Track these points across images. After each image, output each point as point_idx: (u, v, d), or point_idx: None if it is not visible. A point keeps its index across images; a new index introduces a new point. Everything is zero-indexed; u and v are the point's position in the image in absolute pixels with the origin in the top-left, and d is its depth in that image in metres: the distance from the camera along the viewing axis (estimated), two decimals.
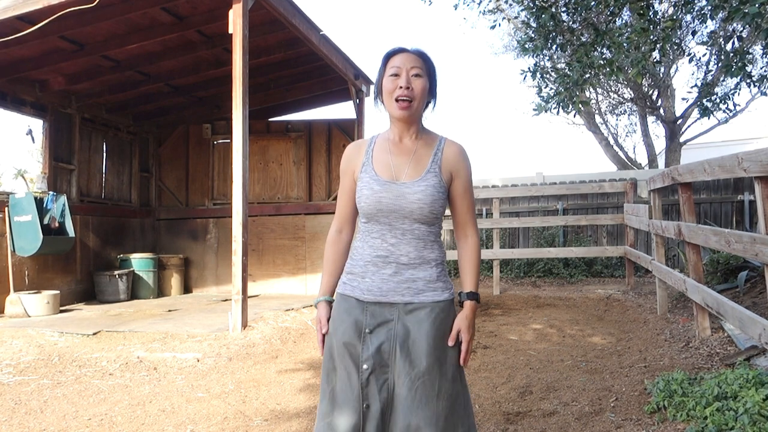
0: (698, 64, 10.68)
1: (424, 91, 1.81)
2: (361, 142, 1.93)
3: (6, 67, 6.78)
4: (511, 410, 3.29)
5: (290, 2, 6.24)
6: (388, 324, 1.76)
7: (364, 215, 1.83)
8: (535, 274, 9.26)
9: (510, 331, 5.45)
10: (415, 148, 1.84)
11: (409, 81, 1.77)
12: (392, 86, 1.78)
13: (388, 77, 1.80)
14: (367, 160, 1.85)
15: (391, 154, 1.84)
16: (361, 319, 1.77)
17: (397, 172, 1.80)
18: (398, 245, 1.79)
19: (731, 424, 2.58)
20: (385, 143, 1.87)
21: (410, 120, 1.82)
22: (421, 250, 1.79)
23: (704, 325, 4.49)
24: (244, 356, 4.77)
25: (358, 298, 1.80)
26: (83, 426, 3.24)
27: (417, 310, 1.76)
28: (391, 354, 1.74)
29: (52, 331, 5.42)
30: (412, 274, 1.78)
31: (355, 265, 1.85)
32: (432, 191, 1.76)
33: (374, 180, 1.79)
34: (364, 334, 1.76)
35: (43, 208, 6.83)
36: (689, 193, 4.68)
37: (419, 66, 1.80)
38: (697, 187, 8.72)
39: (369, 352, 1.73)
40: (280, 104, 9.41)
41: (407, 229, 1.78)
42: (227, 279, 7.86)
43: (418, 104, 1.79)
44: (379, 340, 1.74)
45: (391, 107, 1.80)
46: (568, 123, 18.26)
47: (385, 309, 1.77)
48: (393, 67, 1.80)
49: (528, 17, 6.19)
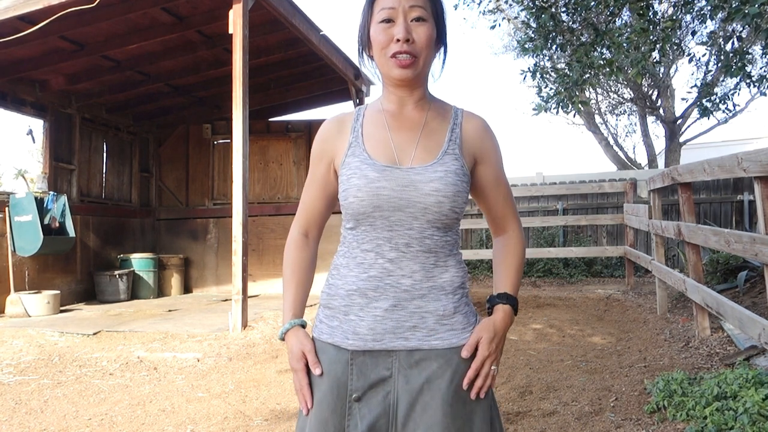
0: (698, 64, 10.68)
1: (431, 39, 1.27)
2: (343, 117, 1.38)
3: (6, 67, 6.79)
4: (511, 410, 3.30)
5: (290, 2, 6.25)
6: (385, 385, 1.22)
7: (351, 218, 1.28)
8: (535, 274, 9.26)
9: (510, 331, 5.44)
10: (423, 120, 1.31)
11: (409, 29, 1.24)
12: (385, 38, 1.25)
13: (378, 24, 1.26)
14: (355, 140, 1.31)
15: (389, 130, 1.31)
16: (344, 378, 1.23)
17: (400, 153, 1.28)
18: (399, 261, 1.24)
19: (731, 424, 2.59)
20: (378, 116, 1.34)
21: (414, 83, 1.30)
22: (431, 269, 1.25)
23: (704, 325, 4.50)
24: (244, 356, 4.77)
25: (340, 345, 1.25)
26: (83, 426, 3.24)
27: (426, 361, 1.22)
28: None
29: (52, 331, 5.42)
30: (418, 306, 1.24)
31: (334, 295, 1.30)
32: (454, 179, 1.25)
33: (368, 165, 1.26)
34: (350, 403, 1.22)
35: (43, 208, 6.84)
36: (689, 193, 4.69)
37: (421, 5, 1.26)
38: (697, 187, 8.72)
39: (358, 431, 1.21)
40: (280, 104, 9.42)
41: (414, 237, 1.24)
42: (227, 279, 7.87)
43: (425, 59, 1.27)
44: (373, 413, 1.20)
45: (387, 66, 1.27)
46: (568, 123, 18.30)
47: (379, 361, 1.22)
48: (384, 10, 1.25)
49: (528, 17, 6.19)
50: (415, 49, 1.25)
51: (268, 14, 6.19)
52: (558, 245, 9.48)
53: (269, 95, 8.97)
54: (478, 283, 9.19)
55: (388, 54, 1.26)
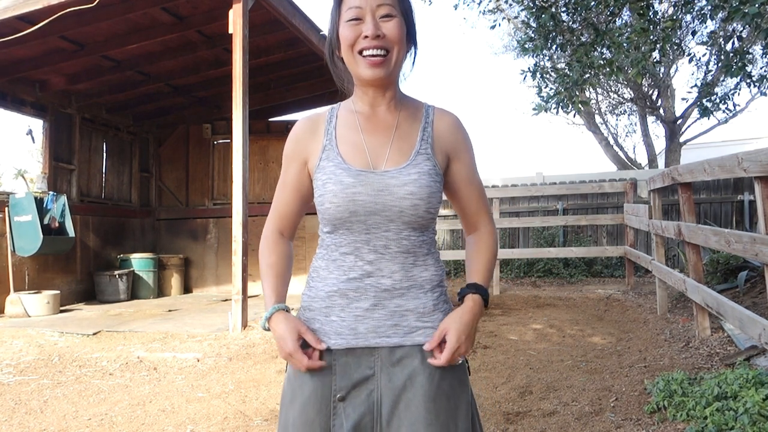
0: (698, 64, 10.69)
1: (401, 36, 1.26)
2: (316, 117, 1.38)
3: (6, 67, 6.79)
4: (511, 410, 3.30)
5: (290, 2, 6.25)
6: (368, 384, 1.23)
7: (329, 222, 1.29)
8: (535, 274, 9.26)
9: (510, 331, 5.45)
10: (396, 121, 1.31)
11: (378, 26, 1.23)
12: (353, 35, 1.24)
13: (346, 23, 1.25)
14: (329, 143, 1.31)
15: (362, 132, 1.30)
16: (327, 379, 1.24)
17: (374, 157, 1.28)
18: (379, 262, 1.26)
19: (731, 424, 2.58)
20: (351, 117, 1.33)
21: (386, 82, 1.29)
22: (410, 268, 1.27)
23: (704, 325, 4.49)
24: (244, 356, 4.77)
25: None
26: (83, 426, 3.24)
27: (407, 358, 1.24)
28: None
29: (52, 331, 5.42)
30: (398, 305, 1.26)
31: (314, 297, 1.31)
32: (427, 180, 1.26)
33: (343, 170, 1.26)
34: (335, 403, 1.23)
35: (43, 208, 6.84)
36: (689, 193, 4.68)
37: (389, 2, 1.25)
38: (697, 187, 8.72)
39: (344, 431, 1.22)
40: (280, 104, 9.42)
41: (392, 239, 1.25)
42: (227, 279, 7.86)
43: (396, 57, 1.26)
44: (357, 411, 1.22)
45: (357, 66, 1.26)
46: (568, 123, 18.29)
47: (362, 360, 1.24)
48: (352, 9, 1.25)
49: (528, 17, 6.20)
50: (387, 44, 1.24)
51: (268, 14, 6.19)
52: (558, 245, 9.47)
53: (269, 95, 8.97)
54: None
55: (356, 50, 1.25)
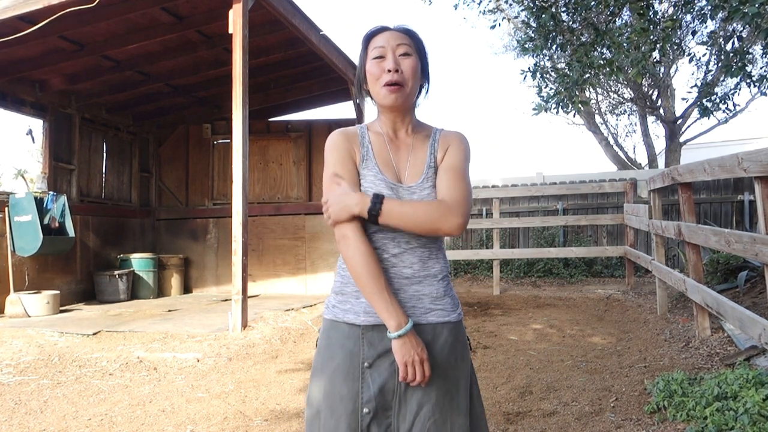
0: (698, 64, 10.68)
1: (416, 71, 1.55)
2: (349, 132, 1.61)
3: (6, 67, 6.78)
4: (511, 410, 3.30)
5: (290, 2, 6.25)
6: (390, 354, 1.47)
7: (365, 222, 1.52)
8: (535, 274, 9.26)
9: (510, 331, 5.45)
10: (411, 143, 1.59)
11: (397, 62, 1.52)
12: (378, 70, 1.53)
13: (372, 61, 1.55)
14: (366, 154, 1.56)
15: (390, 150, 1.58)
16: (356, 350, 1.49)
17: (399, 171, 1.56)
18: (402, 256, 1.51)
19: (731, 424, 2.58)
20: (379, 137, 1.59)
21: (403, 108, 1.57)
22: (425, 261, 1.53)
23: (704, 325, 4.49)
24: (244, 356, 4.77)
25: (353, 322, 1.50)
26: (83, 426, 3.24)
27: (422, 333, 1.48)
28: (396, 393, 1.48)
29: (52, 331, 5.42)
30: (416, 290, 1.51)
31: (346, 283, 1.55)
32: (436, 194, 1.53)
33: (381, 181, 1.52)
34: (363, 369, 1.48)
35: (43, 208, 6.83)
36: (689, 193, 4.68)
37: (407, 43, 1.55)
38: (697, 187, 8.72)
39: (371, 392, 1.46)
40: (280, 104, 9.41)
41: (413, 236, 1.50)
42: (227, 279, 7.86)
43: (411, 88, 1.54)
44: (382, 377, 1.47)
45: (380, 95, 1.54)
46: (568, 123, 18.29)
47: (384, 335, 1.47)
48: (376, 48, 1.55)
49: (528, 17, 6.19)
50: (403, 78, 1.53)
51: (268, 14, 6.19)
52: (558, 245, 9.47)
53: (269, 95, 8.97)
54: (478, 283, 9.19)
55: (381, 83, 1.53)
